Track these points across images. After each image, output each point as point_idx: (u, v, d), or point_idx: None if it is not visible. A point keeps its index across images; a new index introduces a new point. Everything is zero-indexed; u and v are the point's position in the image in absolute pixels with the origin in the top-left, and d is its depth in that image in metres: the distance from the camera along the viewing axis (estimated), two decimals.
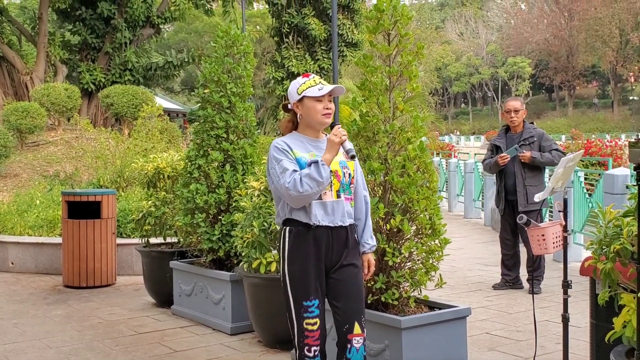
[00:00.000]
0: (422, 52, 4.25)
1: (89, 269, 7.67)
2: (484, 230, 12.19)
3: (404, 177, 4.11)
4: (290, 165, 3.14)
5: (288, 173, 3.11)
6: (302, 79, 3.32)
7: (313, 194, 3.10)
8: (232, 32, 6.08)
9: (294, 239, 3.23)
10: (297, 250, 3.22)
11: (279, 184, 3.13)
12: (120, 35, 21.43)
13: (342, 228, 3.27)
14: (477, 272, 8.21)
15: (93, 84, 21.18)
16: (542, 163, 6.85)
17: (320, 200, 3.21)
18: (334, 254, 3.26)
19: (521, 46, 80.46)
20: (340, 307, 3.27)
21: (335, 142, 3.16)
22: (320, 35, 24.27)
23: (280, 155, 3.19)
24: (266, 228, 5.01)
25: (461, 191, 15.15)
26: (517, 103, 7.08)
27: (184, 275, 6.19)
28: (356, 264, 3.33)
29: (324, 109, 3.25)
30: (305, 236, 3.21)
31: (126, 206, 9.15)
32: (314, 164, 3.10)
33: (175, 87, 62.73)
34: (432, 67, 70.42)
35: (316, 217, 3.20)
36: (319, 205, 3.21)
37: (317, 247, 3.22)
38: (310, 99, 3.25)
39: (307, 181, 3.08)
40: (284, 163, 3.15)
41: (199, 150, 5.99)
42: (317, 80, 3.28)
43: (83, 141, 15.50)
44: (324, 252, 3.24)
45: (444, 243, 4.20)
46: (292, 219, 3.24)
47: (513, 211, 6.96)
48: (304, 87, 3.27)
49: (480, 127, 78.56)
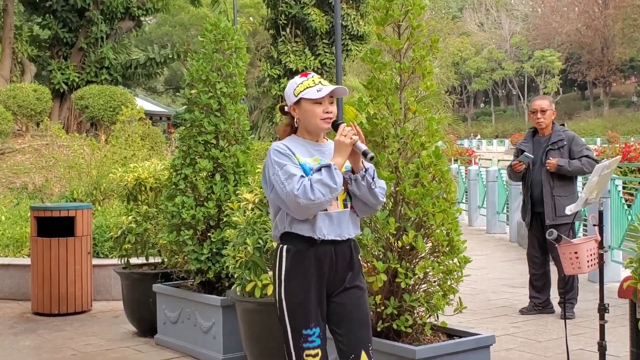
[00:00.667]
0: (436, 45, 4.26)
1: (62, 294, 7.66)
2: (509, 247, 12.16)
3: (418, 187, 4.11)
4: (297, 171, 3.14)
5: (296, 179, 3.10)
6: (299, 79, 3.33)
7: (325, 202, 3.10)
8: (222, 24, 6.10)
9: (292, 259, 3.22)
10: (295, 272, 3.21)
11: (284, 192, 3.11)
12: (95, 29, 21.52)
13: (346, 243, 3.27)
14: (502, 294, 8.19)
15: (65, 84, 21.25)
16: (570, 172, 6.85)
17: (325, 211, 3.21)
18: (338, 275, 3.26)
19: (550, 38, 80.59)
20: (344, 335, 3.26)
21: (346, 143, 3.15)
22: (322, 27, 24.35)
23: (283, 159, 3.18)
24: (261, 246, 5.01)
25: (483, 203, 15.13)
26: (545, 102, 7.09)
27: (169, 300, 6.18)
28: (361, 286, 3.33)
29: (324, 113, 3.25)
30: (306, 255, 3.21)
31: (103, 222, 9.15)
32: (325, 168, 3.10)
33: (159, 87, 62.89)
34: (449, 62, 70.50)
35: (321, 230, 3.19)
36: (324, 217, 3.21)
37: (319, 268, 3.22)
38: (308, 102, 3.25)
39: (319, 187, 3.06)
40: (289, 168, 3.14)
41: (185, 159, 6.00)
42: (317, 80, 3.28)
43: (54, 149, 15.53)
44: (327, 273, 3.24)
45: (464, 262, 4.19)
46: (292, 233, 3.23)
47: (541, 225, 6.95)
48: (302, 88, 3.27)
49: (504, 130, 78.55)
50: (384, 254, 4.13)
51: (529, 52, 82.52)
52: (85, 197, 10.82)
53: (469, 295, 7.90)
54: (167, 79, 60.81)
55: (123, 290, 6.87)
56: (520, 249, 11.61)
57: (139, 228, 6.81)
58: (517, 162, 6.96)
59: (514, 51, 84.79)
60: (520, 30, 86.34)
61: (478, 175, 15.69)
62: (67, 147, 15.23)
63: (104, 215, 9.78)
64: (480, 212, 15.38)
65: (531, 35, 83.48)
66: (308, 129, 3.30)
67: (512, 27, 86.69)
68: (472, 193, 15.64)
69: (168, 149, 16.73)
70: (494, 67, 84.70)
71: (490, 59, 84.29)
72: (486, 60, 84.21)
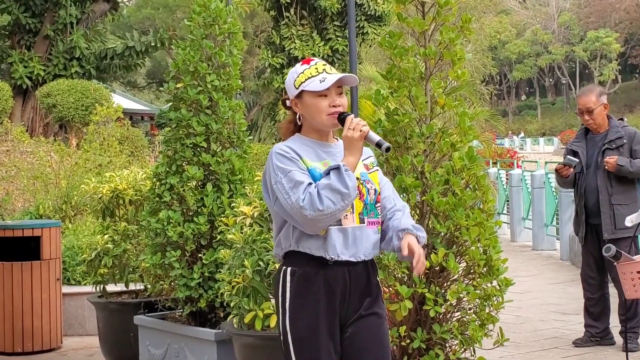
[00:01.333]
0: (469, 26, 4.26)
1: (26, 329, 7.68)
2: (560, 267, 12.12)
3: (448, 196, 4.11)
4: (304, 177, 3.13)
5: (302, 187, 3.10)
6: (300, 67, 3.31)
7: (337, 211, 3.08)
8: (213, 5, 6.11)
9: (298, 284, 3.22)
10: (302, 299, 3.21)
11: (289, 203, 3.10)
12: (64, 12, 21.63)
13: (363, 265, 3.26)
14: (552, 323, 8.16)
15: (29, 79, 21.36)
16: (632, 174, 6.82)
17: (340, 225, 3.19)
18: (352, 303, 3.26)
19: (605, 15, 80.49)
20: None
21: (356, 137, 3.14)
22: (332, 6, 24.38)
23: (287, 164, 3.17)
24: (262, 269, 5.01)
25: (528, 214, 15.09)
26: (591, 98, 7.01)
27: (153, 335, 6.18)
28: (380, 313, 3.32)
29: (330, 107, 3.23)
30: (314, 278, 3.20)
31: (75, 242, 9.17)
32: (333, 171, 3.09)
33: (139, 81, 63.17)
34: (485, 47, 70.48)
35: (335, 249, 3.18)
36: (338, 233, 3.20)
37: (329, 295, 3.21)
38: (310, 95, 3.24)
39: (328, 195, 3.05)
40: (294, 175, 3.13)
41: (171, 166, 6.01)
42: (321, 68, 3.26)
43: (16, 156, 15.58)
44: (339, 301, 3.23)
45: (505, 285, 4.18)
46: (298, 252, 3.22)
47: (598, 240, 6.93)
48: (302, 78, 3.25)
49: (552, 126, 78.50)
50: (409, 277, 4.12)
51: (580, 33, 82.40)
52: (54, 213, 10.84)
53: (512, 324, 7.87)
54: (149, 72, 61.04)
55: (99, 324, 6.87)
56: (573, 268, 11.56)
57: (117, 249, 6.82)
58: (562, 167, 6.94)
59: (562, 32, 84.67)
60: (570, 7, 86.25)
61: (521, 181, 15.65)
62: (32, 154, 15.27)
63: (76, 234, 9.80)
64: (525, 225, 15.34)
65: (583, 12, 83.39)
66: (313, 126, 3.29)
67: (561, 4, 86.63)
68: (514, 202, 15.60)
69: (151, 154, 16.77)
70: (539, 51, 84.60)
71: (535, 42, 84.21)
72: (530, 43, 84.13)
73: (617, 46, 78.43)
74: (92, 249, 6.97)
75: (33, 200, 11.93)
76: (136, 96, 52.58)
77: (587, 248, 7.11)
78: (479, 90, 31.17)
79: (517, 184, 15.68)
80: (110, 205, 6.93)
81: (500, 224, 4.33)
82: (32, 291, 7.70)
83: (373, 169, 3.37)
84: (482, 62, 67.32)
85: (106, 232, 6.96)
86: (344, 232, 3.21)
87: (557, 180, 7.30)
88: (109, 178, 7.07)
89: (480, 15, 66.16)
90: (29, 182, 12.81)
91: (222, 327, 5.46)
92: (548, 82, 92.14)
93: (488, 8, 75.84)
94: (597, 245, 6.94)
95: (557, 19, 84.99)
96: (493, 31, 77.93)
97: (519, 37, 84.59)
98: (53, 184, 12.17)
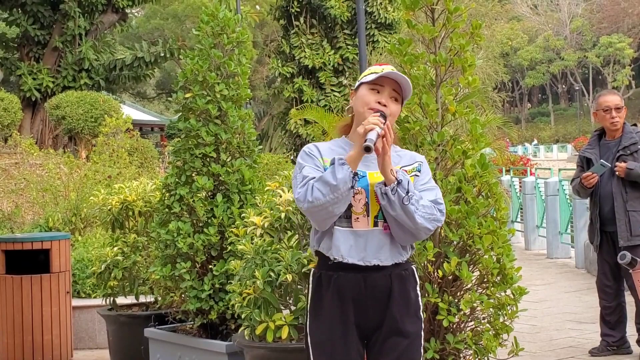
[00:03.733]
0: (479, 32, 4.26)
1: (36, 342, 7.68)
2: (575, 275, 12.08)
3: (461, 204, 4.10)
4: (312, 172, 3.15)
5: (305, 181, 3.12)
6: (372, 67, 3.35)
7: (326, 203, 3.05)
8: (222, 14, 6.13)
9: (316, 287, 3.24)
10: (319, 303, 3.22)
11: (295, 197, 3.15)
12: (72, 24, 21.73)
13: (379, 270, 3.19)
14: (568, 332, 8.13)
15: (38, 91, 21.46)
16: None
17: (350, 228, 3.17)
18: (370, 313, 3.21)
19: (618, 21, 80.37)
20: None
21: (359, 132, 3.11)
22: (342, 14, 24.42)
23: (305, 160, 3.22)
24: (273, 279, 5.00)
25: (542, 222, 15.06)
26: (618, 97, 7.07)
27: (164, 347, 6.18)
28: (406, 332, 3.21)
29: (376, 102, 3.22)
30: (327, 284, 3.20)
31: (84, 255, 9.19)
32: (331, 165, 3.09)
33: (149, 92, 63.37)
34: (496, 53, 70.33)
35: (339, 249, 3.16)
36: (348, 234, 3.17)
37: (341, 301, 3.19)
38: (364, 86, 3.27)
39: (318, 186, 3.05)
40: (305, 170, 3.16)
41: (180, 176, 6.01)
42: (388, 69, 3.28)
43: (25, 168, 15.65)
44: (353, 309, 3.19)
45: (519, 294, 4.17)
46: (319, 253, 3.26)
47: (614, 247, 6.89)
48: (367, 73, 3.31)
49: (565, 133, 78.40)
50: (422, 286, 4.10)
51: (593, 39, 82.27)
52: (63, 225, 10.87)
53: (527, 334, 7.85)
54: (158, 82, 61.23)
55: (109, 337, 6.87)
56: (588, 276, 11.52)
57: (127, 261, 6.83)
58: (590, 174, 6.81)
59: (575, 38, 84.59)
60: (583, 13, 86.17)
61: (535, 189, 15.62)
62: (41, 166, 15.33)
63: (85, 246, 9.82)
64: (539, 233, 15.30)
65: (595, 18, 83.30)
66: (358, 123, 3.24)
67: (573, 9, 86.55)
68: (528, 210, 15.56)
69: (161, 165, 16.81)
70: (551, 57, 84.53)
71: (547, 48, 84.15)
72: (542, 49, 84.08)
73: (630, 51, 78.27)
74: (102, 261, 6.98)
75: (42, 213, 11.97)
76: (146, 107, 52.75)
77: (603, 256, 7.07)
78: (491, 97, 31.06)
79: (531, 192, 15.64)
80: (120, 217, 6.94)
81: (514, 232, 4.31)
82: (41, 304, 7.71)
83: (412, 174, 3.26)
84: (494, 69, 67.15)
85: (116, 244, 6.97)
86: (355, 234, 3.18)
87: (576, 190, 7.14)
88: (118, 189, 7.08)
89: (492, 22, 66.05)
90: (38, 195, 12.85)
91: (234, 339, 5.45)
92: (561, 89, 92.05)
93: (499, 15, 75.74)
94: (612, 253, 6.90)
95: (569, 25, 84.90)
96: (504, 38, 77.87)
97: (530, 44, 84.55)
98: (62, 196, 12.20)
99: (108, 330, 6.87)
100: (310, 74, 24.83)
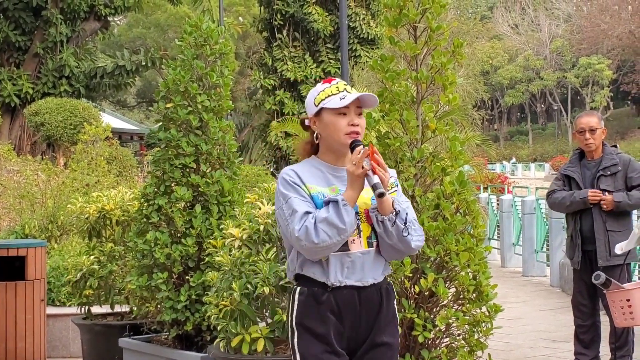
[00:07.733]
0: (461, 51, 4.28)
1: (9, 350, 7.62)
2: (550, 293, 12.12)
3: (438, 220, 4.11)
4: (302, 206, 3.14)
5: (298, 216, 3.11)
6: (321, 85, 3.33)
7: (333, 244, 3.09)
8: (205, 25, 6.14)
9: (307, 304, 3.22)
10: (310, 319, 3.21)
11: (288, 230, 3.14)
12: (54, 31, 21.67)
13: (374, 287, 3.25)
14: (541, 350, 8.15)
15: (17, 97, 21.36)
16: (632, 206, 6.81)
17: (346, 251, 3.20)
18: (362, 327, 3.24)
19: (597, 42, 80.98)
20: None
21: (356, 174, 3.12)
22: (325, 28, 24.51)
23: (288, 190, 3.19)
24: (250, 292, 5.00)
25: (518, 240, 15.10)
26: (594, 119, 7.05)
27: (138, 358, 6.15)
28: (390, 344, 3.28)
29: (348, 126, 3.23)
30: (322, 300, 3.20)
31: (60, 263, 9.13)
32: (332, 203, 3.10)
33: (129, 100, 63.18)
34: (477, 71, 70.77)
35: (336, 275, 3.19)
36: (344, 258, 3.19)
37: (338, 317, 3.21)
38: (329, 112, 3.24)
39: (324, 228, 3.07)
40: (293, 202, 3.15)
41: (159, 186, 6.00)
42: (342, 87, 3.28)
43: (2, 174, 15.55)
44: (349, 326, 3.22)
45: (495, 311, 4.18)
46: (304, 276, 3.24)
47: (591, 266, 6.91)
48: (323, 96, 3.27)
49: (543, 152, 78.72)
50: (398, 302, 4.11)
51: (572, 59, 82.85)
52: (39, 232, 10.80)
53: (502, 351, 7.86)
54: (139, 91, 61.09)
55: (83, 346, 6.83)
56: (563, 295, 11.56)
57: (103, 270, 6.80)
58: (596, 192, 6.71)
59: (554, 58, 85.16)
60: (563, 33, 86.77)
61: (512, 206, 15.67)
62: (18, 173, 15.24)
63: (61, 254, 9.76)
64: (515, 251, 15.35)
65: (575, 39, 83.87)
66: (330, 146, 3.28)
67: (553, 30, 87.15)
68: (504, 228, 15.61)
69: (140, 174, 16.75)
70: (531, 77, 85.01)
71: (527, 68, 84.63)
72: (522, 68, 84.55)
73: (609, 73, 78.83)
74: (78, 270, 6.95)
75: (19, 220, 11.90)
76: (126, 115, 52.56)
77: (580, 274, 7.08)
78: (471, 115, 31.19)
79: (508, 210, 15.70)
80: (97, 226, 6.91)
81: (490, 250, 4.33)
82: (15, 312, 7.65)
83: (391, 190, 3.30)
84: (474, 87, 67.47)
85: (92, 253, 6.94)
86: (350, 257, 3.21)
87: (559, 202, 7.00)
88: (96, 198, 7.05)
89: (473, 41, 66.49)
90: (15, 201, 12.78)
91: (209, 351, 5.44)
92: (540, 108, 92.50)
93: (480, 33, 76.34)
94: (589, 272, 6.89)
95: (549, 45, 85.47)
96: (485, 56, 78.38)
97: (511, 63, 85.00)
98: (39, 204, 12.13)
99: (82, 340, 6.83)
100: (292, 86, 24.87)
